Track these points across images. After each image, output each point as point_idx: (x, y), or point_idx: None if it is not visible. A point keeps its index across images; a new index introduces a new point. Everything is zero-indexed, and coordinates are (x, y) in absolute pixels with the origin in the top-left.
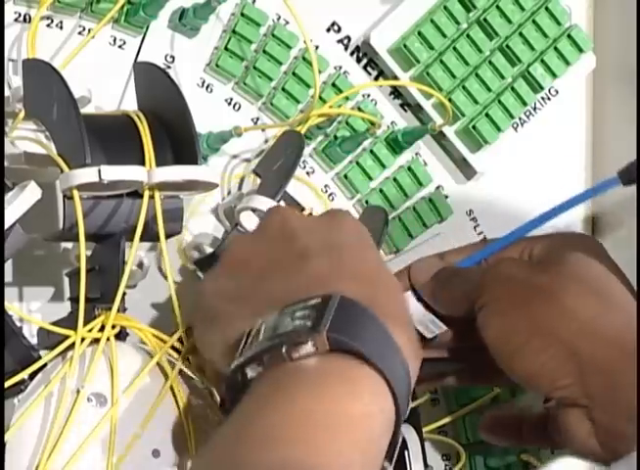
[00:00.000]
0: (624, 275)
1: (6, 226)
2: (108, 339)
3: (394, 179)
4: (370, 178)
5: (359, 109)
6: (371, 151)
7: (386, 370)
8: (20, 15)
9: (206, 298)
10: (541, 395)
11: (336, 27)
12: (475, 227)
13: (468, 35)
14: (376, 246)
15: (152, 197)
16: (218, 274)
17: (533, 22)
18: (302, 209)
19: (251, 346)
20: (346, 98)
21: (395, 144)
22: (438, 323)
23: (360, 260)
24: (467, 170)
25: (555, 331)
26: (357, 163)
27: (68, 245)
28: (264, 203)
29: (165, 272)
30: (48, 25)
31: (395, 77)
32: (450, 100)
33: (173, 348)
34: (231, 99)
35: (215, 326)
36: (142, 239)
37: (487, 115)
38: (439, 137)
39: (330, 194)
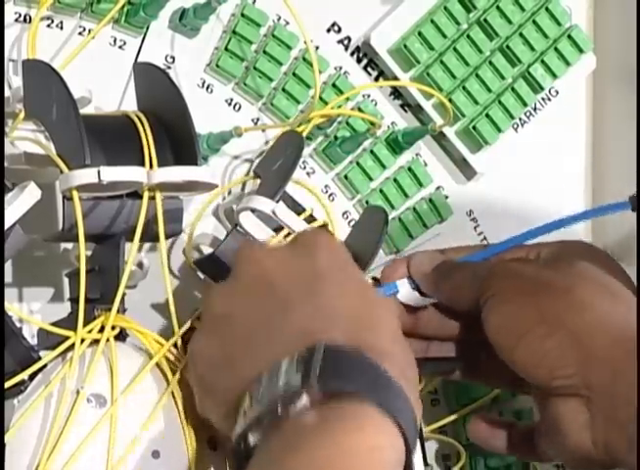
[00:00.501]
0: (632, 283)
1: (6, 227)
2: (107, 340)
3: (395, 180)
4: (370, 179)
5: (359, 109)
6: (371, 151)
7: (385, 406)
8: (20, 15)
9: (197, 366)
10: (537, 385)
11: (336, 28)
12: (475, 228)
13: (468, 36)
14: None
15: (152, 198)
16: (202, 333)
17: (534, 22)
18: (303, 209)
19: (246, 413)
20: (347, 98)
21: (396, 144)
22: (423, 299)
23: (344, 298)
24: (467, 171)
25: (561, 320)
26: (357, 163)
27: (68, 245)
28: (264, 203)
29: (164, 273)
30: (48, 26)
31: (396, 78)
32: (450, 100)
33: (175, 346)
34: (231, 99)
35: (211, 397)
36: (142, 239)
37: (488, 115)
38: (440, 138)
39: (330, 194)
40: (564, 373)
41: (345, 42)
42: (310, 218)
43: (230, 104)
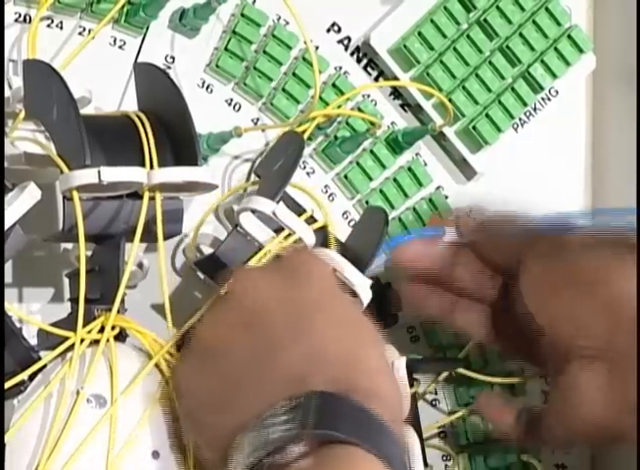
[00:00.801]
0: None
1: (6, 227)
2: (107, 340)
3: (394, 180)
4: (370, 179)
5: (359, 109)
6: (371, 151)
7: (377, 450)
8: (20, 15)
9: (184, 400)
10: (559, 344)
11: (336, 28)
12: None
13: (468, 36)
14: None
15: (152, 198)
16: (190, 366)
17: (533, 22)
18: (303, 210)
19: (241, 462)
20: (347, 98)
21: (396, 144)
22: None
23: (334, 334)
24: (467, 171)
25: (594, 287)
26: (357, 163)
27: (68, 246)
28: (264, 204)
29: (161, 273)
30: (48, 26)
31: (396, 78)
32: (450, 100)
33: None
34: (231, 99)
35: (203, 439)
36: (142, 240)
37: (487, 115)
38: (440, 137)
39: (330, 194)
40: (590, 333)
41: (345, 42)
42: (311, 220)
43: (230, 104)
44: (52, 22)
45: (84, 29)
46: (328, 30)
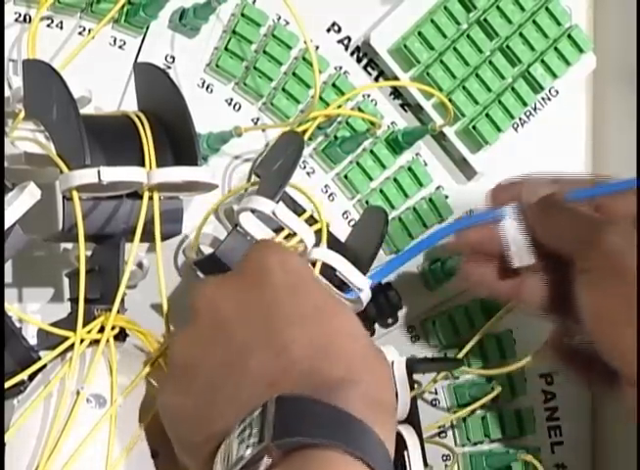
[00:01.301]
0: None
1: (6, 227)
2: (107, 340)
3: (394, 179)
4: (370, 178)
5: (359, 109)
6: (371, 151)
7: (351, 448)
8: (20, 15)
9: (167, 418)
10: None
11: (336, 28)
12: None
13: (468, 36)
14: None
15: (152, 198)
16: (168, 384)
17: (534, 22)
18: (303, 210)
19: None
20: (347, 98)
21: (396, 144)
22: (529, 253)
23: (301, 328)
24: (467, 171)
25: None
26: (357, 163)
27: (68, 245)
28: (264, 204)
29: (160, 273)
30: (48, 26)
31: (396, 78)
32: (450, 100)
33: None
34: (231, 99)
35: (186, 452)
36: (142, 240)
37: (488, 115)
38: (440, 137)
39: (330, 194)
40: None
41: (345, 42)
42: (311, 220)
43: (230, 104)
44: (52, 21)
45: (84, 29)
46: (328, 30)
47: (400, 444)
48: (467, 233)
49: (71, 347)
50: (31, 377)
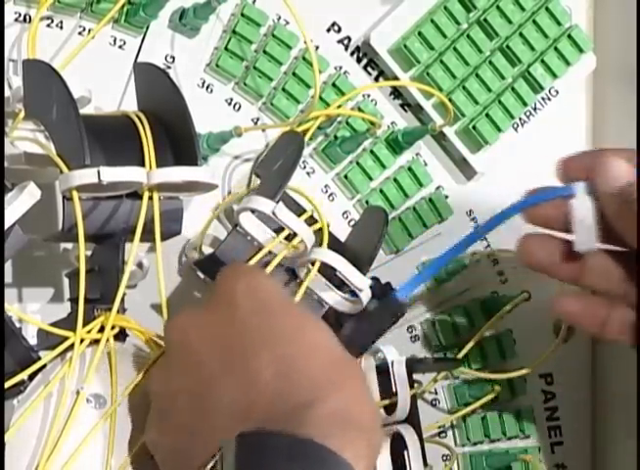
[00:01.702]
0: None
1: (6, 227)
2: (107, 340)
3: (394, 179)
4: (370, 178)
5: (359, 109)
6: (371, 151)
7: None
8: (20, 15)
9: (156, 453)
10: None
11: (336, 28)
12: (475, 228)
13: (468, 35)
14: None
15: (151, 198)
16: (152, 418)
17: (534, 22)
18: (303, 210)
19: None
20: (347, 98)
21: (396, 144)
22: (595, 238)
23: (269, 353)
24: (467, 170)
25: None
26: (357, 163)
27: (68, 245)
28: (264, 204)
29: (159, 274)
30: (48, 26)
31: (396, 78)
32: (450, 100)
33: None
34: (231, 99)
35: None
36: (142, 240)
37: (488, 115)
38: (440, 137)
39: (330, 194)
40: None
41: (345, 42)
42: (311, 220)
43: (230, 104)
44: (52, 21)
45: (84, 29)
46: (328, 30)
47: (400, 444)
48: (534, 210)
49: (71, 347)
50: (31, 377)
